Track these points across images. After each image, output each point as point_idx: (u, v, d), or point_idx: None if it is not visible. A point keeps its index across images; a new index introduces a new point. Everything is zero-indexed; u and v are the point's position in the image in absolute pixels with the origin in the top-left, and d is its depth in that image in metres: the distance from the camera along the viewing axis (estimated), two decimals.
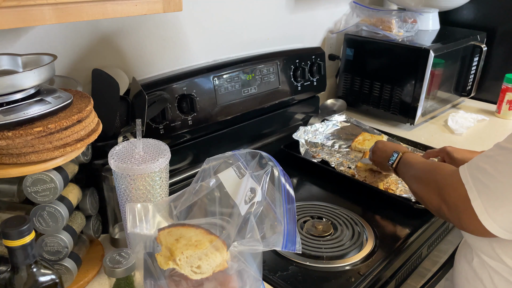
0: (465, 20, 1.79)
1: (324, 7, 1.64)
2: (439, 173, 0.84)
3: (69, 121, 0.71)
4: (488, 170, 0.72)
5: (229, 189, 0.71)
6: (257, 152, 0.74)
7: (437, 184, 0.82)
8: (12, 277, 0.61)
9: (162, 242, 0.67)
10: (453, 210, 0.77)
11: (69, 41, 0.99)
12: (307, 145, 1.37)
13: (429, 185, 0.85)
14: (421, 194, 0.88)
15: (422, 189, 0.88)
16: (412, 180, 0.94)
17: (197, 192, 0.74)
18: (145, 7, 0.73)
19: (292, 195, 0.70)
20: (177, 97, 1.11)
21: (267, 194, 0.69)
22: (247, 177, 0.70)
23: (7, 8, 0.58)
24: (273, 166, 0.71)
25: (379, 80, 1.58)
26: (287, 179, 0.71)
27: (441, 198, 0.80)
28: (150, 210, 0.72)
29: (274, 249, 0.69)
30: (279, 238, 0.66)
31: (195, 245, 0.66)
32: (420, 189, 0.89)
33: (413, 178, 0.94)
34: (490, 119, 1.66)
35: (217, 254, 0.66)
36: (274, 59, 1.36)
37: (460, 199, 0.75)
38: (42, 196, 0.74)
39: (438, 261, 1.14)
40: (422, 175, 0.90)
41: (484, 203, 0.71)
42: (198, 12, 1.22)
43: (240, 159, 0.74)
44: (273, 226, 0.67)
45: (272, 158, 0.73)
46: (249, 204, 0.68)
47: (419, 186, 0.89)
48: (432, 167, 0.89)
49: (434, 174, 0.85)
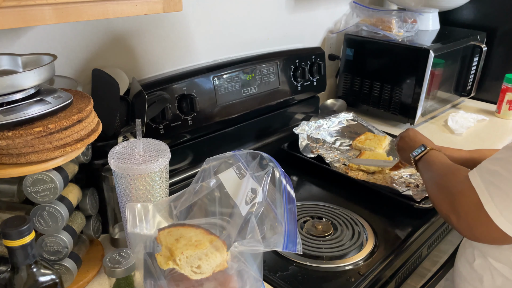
0: (465, 20, 1.79)
1: (324, 7, 1.64)
2: (452, 180, 0.81)
3: (69, 121, 0.71)
4: (500, 171, 0.70)
5: (230, 189, 0.71)
6: (258, 153, 0.74)
7: (449, 191, 0.79)
8: (12, 277, 0.61)
9: (162, 242, 0.67)
10: (463, 219, 0.75)
11: (69, 41, 0.99)
12: (308, 140, 1.37)
13: (441, 191, 0.82)
14: (433, 199, 0.85)
15: (435, 194, 0.85)
16: (428, 181, 0.91)
17: (197, 192, 0.74)
18: (145, 7, 0.73)
19: (292, 196, 0.70)
20: (177, 97, 1.11)
21: (268, 195, 0.69)
22: (248, 177, 0.70)
23: (7, 8, 0.58)
24: (274, 167, 0.71)
25: (379, 80, 1.58)
26: (288, 180, 0.71)
27: (452, 207, 0.77)
28: (150, 210, 0.72)
29: (274, 250, 0.69)
30: (280, 239, 0.66)
31: (195, 245, 0.66)
32: (433, 194, 0.86)
33: (429, 180, 0.90)
34: (490, 119, 1.66)
35: (217, 254, 0.66)
36: (274, 59, 1.36)
37: (472, 206, 0.73)
38: (42, 196, 0.74)
39: (438, 261, 1.14)
40: (437, 179, 0.86)
41: (498, 205, 0.69)
42: (198, 12, 1.22)
43: (241, 160, 0.74)
44: (273, 227, 0.67)
45: (273, 159, 0.73)
46: (250, 205, 0.68)
47: (433, 190, 0.86)
48: (448, 171, 0.85)
49: (447, 180, 0.82)
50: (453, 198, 0.77)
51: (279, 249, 0.66)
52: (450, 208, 0.78)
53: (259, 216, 0.67)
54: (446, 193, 0.80)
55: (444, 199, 0.80)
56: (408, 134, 1.11)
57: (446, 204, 0.79)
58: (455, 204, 0.76)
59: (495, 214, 0.69)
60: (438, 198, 0.83)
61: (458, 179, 0.78)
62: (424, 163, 0.97)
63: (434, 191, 0.86)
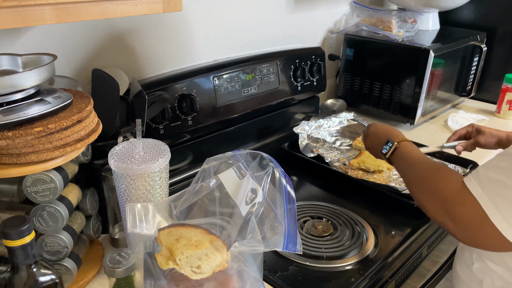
0: (465, 20, 1.79)
1: (324, 7, 1.64)
2: (441, 184, 0.75)
3: (69, 121, 0.71)
4: (506, 181, 0.66)
5: (230, 189, 0.71)
6: (258, 153, 0.74)
7: (441, 197, 0.74)
8: (12, 277, 0.61)
9: (162, 242, 0.67)
10: (463, 228, 0.71)
11: (69, 41, 0.99)
12: (308, 139, 1.37)
13: (431, 196, 0.77)
14: (422, 201, 0.80)
15: (422, 196, 0.80)
16: (410, 181, 0.85)
17: (197, 192, 0.74)
18: (145, 7, 0.73)
19: (293, 196, 0.70)
20: (177, 97, 1.11)
21: (268, 195, 0.69)
22: (248, 177, 0.70)
23: (7, 8, 0.58)
24: (274, 167, 0.71)
25: (379, 80, 1.58)
26: (288, 181, 0.71)
27: (448, 214, 0.73)
28: (150, 210, 0.72)
29: (274, 250, 0.69)
30: (280, 239, 0.66)
31: (195, 245, 0.66)
32: (421, 196, 0.80)
33: (412, 180, 0.84)
34: (490, 119, 1.66)
35: (217, 254, 0.66)
36: (274, 59, 1.36)
37: (473, 216, 0.69)
38: (42, 196, 0.74)
39: (438, 261, 1.14)
40: (423, 180, 0.80)
41: (507, 217, 0.65)
42: (198, 12, 1.22)
43: (241, 160, 0.74)
44: (273, 227, 0.67)
45: (273, 159, 0.73)
46: (250, 205, 0.68)
47: (419, 192, 0.81)
48: (433, 173, 0.79)
49: (435, 184, 0.77)
50: (449, 206, 0.73)
51: (279, 249, 0.65)
52: (445, 215, 0.73)
53: (259, 216, 0.67)
54: (437, 199, 0.75)
55: (436, 205, 0.75)
56: (369, 131, 1.04)
57: (440, 210, 0.74)
58: (452, 212, 0.72)
59: (504, 226, 0.65)
60: (428, 203, 0.78)
61: (452, 186, 0.73)
62: (399, 159, 0.91)
63: (420, 194, 0.80)
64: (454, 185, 0.73)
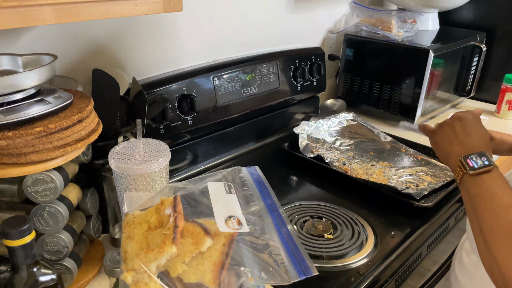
0: (465, 20, 1.80)
1: (324, 7, 1.64)
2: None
3: (69, 121, 0.71)
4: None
5: (213, 198, 0.70)
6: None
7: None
8: (12, 277, 0.61)
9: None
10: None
11: (69, 41, 0.99)
12: (308, 139, 1.37)
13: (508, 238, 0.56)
14: (495, 251, 0.57)
15: (495, 242, 0.58)
16: (483, 228, 0.61)
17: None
18: (145, 7, 0.73)
19: (283, 219, 0.70)
20: (177, 97, 1.11)
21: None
22: (234, 197, 0.70)
23: (8, 8, 0.58)
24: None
25: (379, 80, 1.58)
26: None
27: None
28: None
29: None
30: (291, 269, 0.62)
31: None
32: (493, 242, 0.58)
33: (487, 229, 0.60)
34: (490, 119, 1.66)
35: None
36: (274, 59, 1.36)
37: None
38: (43, 196, 0.74)
39: (438, 261, 1.14)
40: (499, 217, 0.58)
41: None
42: (198, 12, 1.22)
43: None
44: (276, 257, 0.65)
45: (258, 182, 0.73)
46: (230, 229, 0.65)
47: (490, 232, 0.59)
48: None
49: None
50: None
51: (296, 279, 0.61)
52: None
53: (255, 249, 0.65)
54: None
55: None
56: (466, 117, 0.77)
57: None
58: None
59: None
60: (503, 253, 0.56)
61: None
62: (479, 189, 0.64)
63: (492, 237, 0.58)
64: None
